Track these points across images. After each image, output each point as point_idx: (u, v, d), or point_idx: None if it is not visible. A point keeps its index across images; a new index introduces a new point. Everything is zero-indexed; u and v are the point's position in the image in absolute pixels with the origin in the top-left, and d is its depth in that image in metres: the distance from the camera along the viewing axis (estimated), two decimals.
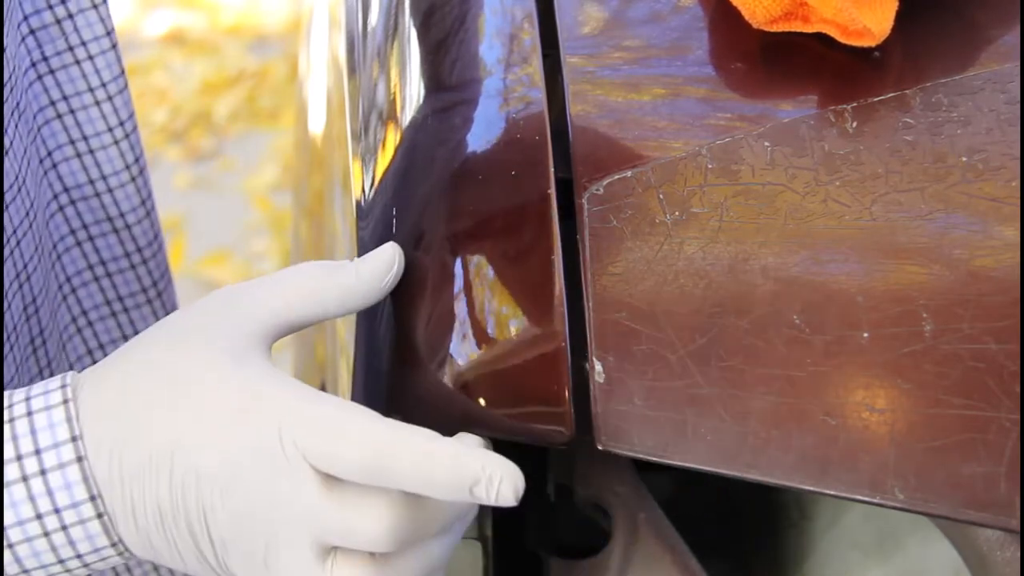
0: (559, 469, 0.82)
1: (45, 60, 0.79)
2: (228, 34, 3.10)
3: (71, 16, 0.78)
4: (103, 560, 0.63)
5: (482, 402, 0.65)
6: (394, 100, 0.79)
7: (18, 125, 0.75)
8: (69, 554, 0.62)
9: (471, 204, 0.70)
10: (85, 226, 0.84)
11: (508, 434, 0.65)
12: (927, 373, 0.62)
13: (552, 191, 0.68)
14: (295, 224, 1.60)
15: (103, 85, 0.81)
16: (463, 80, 0.77)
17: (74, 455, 0.61)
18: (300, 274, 0.65)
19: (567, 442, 0.63)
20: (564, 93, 0.73)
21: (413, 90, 0.78)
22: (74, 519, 0.61)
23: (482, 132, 0.73)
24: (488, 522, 0.78)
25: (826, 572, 0.95)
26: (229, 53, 3.03)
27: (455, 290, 0.68)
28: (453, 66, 0.79)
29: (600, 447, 0.63)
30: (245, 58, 3.01)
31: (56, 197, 0.82)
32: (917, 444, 0.61)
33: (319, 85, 1.21)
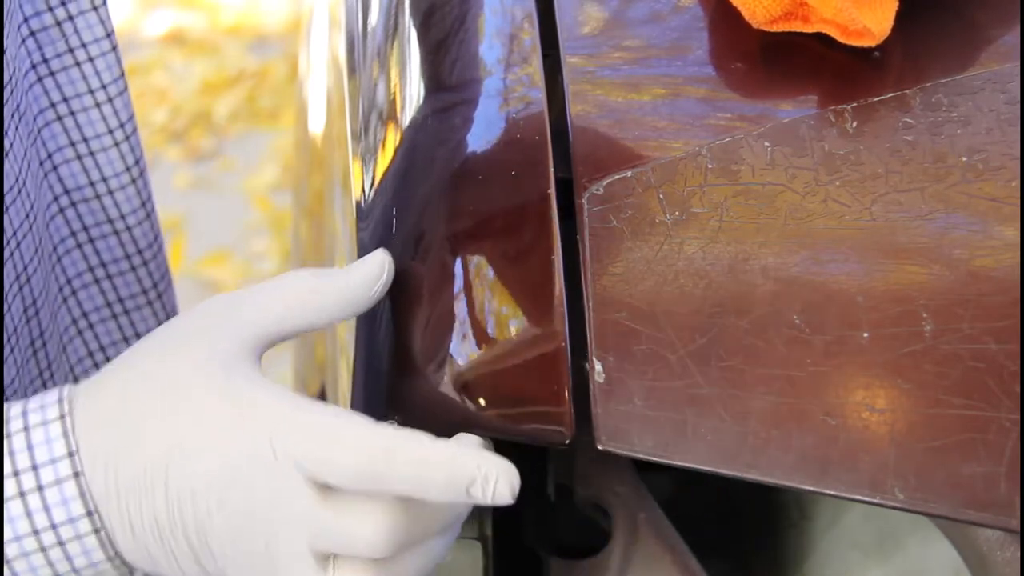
0: (559, 469, 0.82)
1: (45, 62, 0.79)
2: (228, 34, 3.10)
3: (71, 18, 0.78)
4: (100, 574, 0.63)
5: (482, 402, 0.65)
6: (394, 100, 0.79)
7: (18, 127, 0.75)
8: (66, 568, 0.62)
9: (471, 204, 0.70)
10: (86, 228, 0.84)
11: (508, 434, 0.65)
12: (927, 373, 0.62)
13: (552, 191, 0.68)
14: (295, 224, 1.60)
15: (103, 87, 0.81)
16: (463, 80, 0.77)
17: (71, 470, 0.61)
18: (290, 284, 0.65)
19: (567, 442, 0.63)
20: (564, 93, 0.73)
21: (413, 90, 0.78)
22: (71, 534, 0.61)
23: (482, 132, 0.73)
24: (488, 522, 0.78)
25: (826, 572, 0.95)
26: (229, 53, 3.03)
27: (455, 290, 0.68)
28: (453, 66, 0.79)
29: (600, 447, 0.63)
30: (245, 58, 3.01)
31: (57, 199, 0.82)
32: (917, 444, 0.61)
33: (319, 85, 1.21)
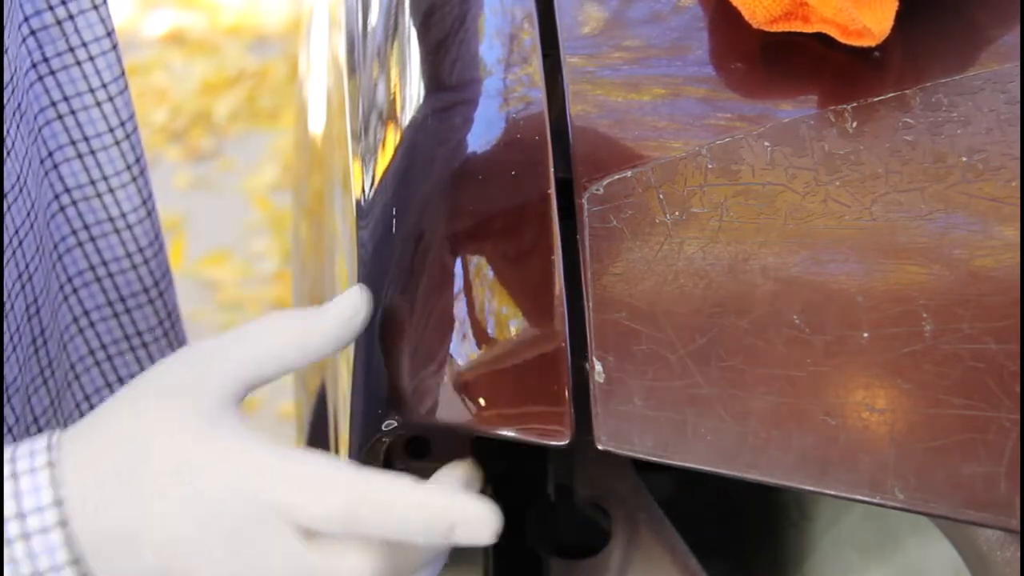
0: (559, 469, 0.82)
1: (46, 61, 0.79)
2: (228, 34, 3.10)
3: (72, 17, 0.78)
4: None
5: (482, 402, 0.65)
6: (394, 100, 0.79)
7: (19, 126, 0.75)
8: None
9: (471, 204, 0.70)
10: (86, 226, 0.84)
11: (508, 434, 0.65)
12: (927, 373, 0.62)
13: (552, 191, 0.68)
14: (295, 224, 1.60)
15: (104, 86, 0.81)
16: (463, 80, 0.77)
17: (57, 519, 0.61)
18: (268, 331, 0.65)
19: (567, 442, 0.63)
20: (564, 93, 0.73)
21: (413, 90, 0.78)
22: None
23: (482, 132, 0.73)
24: None
25: (826, 572, 0.95)
26: (229, 53, 3.03)
27: (455, 290, 0.68)
28: (453, 66, 0.79)
29: (600, 447, 0.63)
30: (245, 58, 3.01)
31: (57, 197, 0.82)
32: (917, 444, 0.61)
33: (319, 85, 1.21)
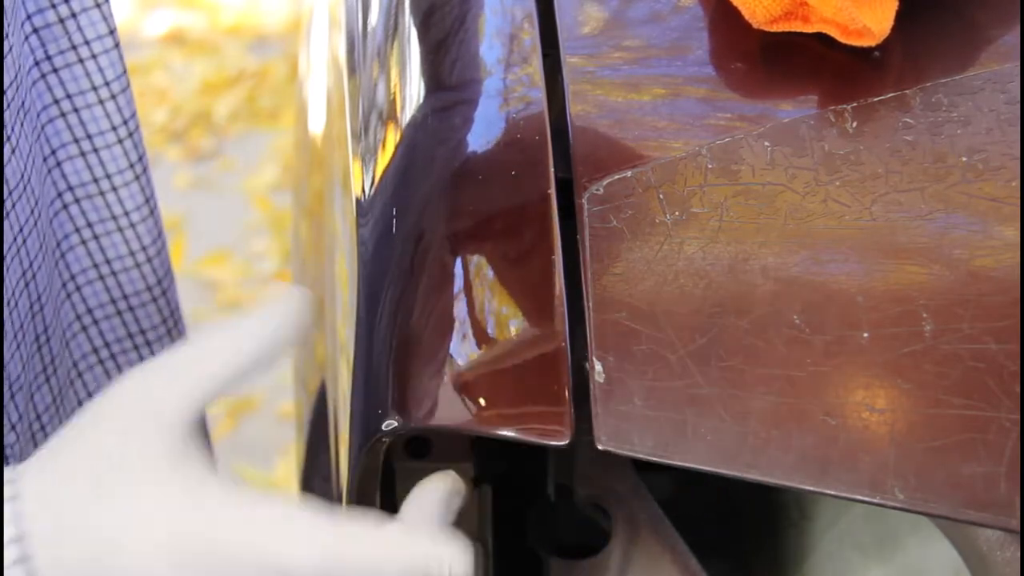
0: (559, 469, 0.82)
1: (48, 59, 0.79)
2: (228, 34, 3.10)
3: (74, 15, 0.78)
4: None
5: (482, 402, 0.65)
6: (394, 100, 0.79)
7: (23, 124, 0.76)
8: None
9: (471, 204, 0.70)
10: (89, 224, 0.84)
11: (508, 434, 0.65)
12: (927, 373, 0.62)
13: (552, 191, 0.68)
14: (295, 224, 1.60)
15: (106, 84, 0.81)
16: (463, 80, 0.77)
17: (19, 554, 0.60)
18: (205, 351, 0.63)
19: (567, 442, 0.63)
20: (564, 93, 0.73)
21: (413, 90, 0.78)
22: None
23: (482, 132, 0.74)
24: (488, 523, 0.78)
25: (826, 572, 0.95)
26: (229, 53, 3.03)
27: (455, 290, 0.68)
28: (453, 66, 0.79)
29: (600, 447, 0.63)
30: (245, 58, 3.01)
31: (60, 195, 0.82)
32: (917, 444, 0.61)
33: (319, 85, 1.21)
